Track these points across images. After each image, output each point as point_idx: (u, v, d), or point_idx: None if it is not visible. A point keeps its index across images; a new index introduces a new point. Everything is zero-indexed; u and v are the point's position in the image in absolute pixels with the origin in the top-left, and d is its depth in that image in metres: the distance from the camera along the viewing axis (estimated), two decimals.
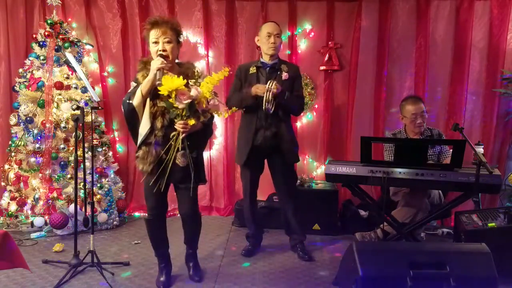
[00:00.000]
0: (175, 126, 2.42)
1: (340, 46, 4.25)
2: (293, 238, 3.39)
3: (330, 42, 4.23)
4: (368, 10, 4.18)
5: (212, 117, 2.63)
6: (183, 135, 2.42)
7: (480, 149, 3.48)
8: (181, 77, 2.35)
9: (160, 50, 2.44)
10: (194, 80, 2.46)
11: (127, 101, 2.47)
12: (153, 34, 2.46)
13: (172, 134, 2.44)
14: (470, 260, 2.17)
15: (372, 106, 4.28)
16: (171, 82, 2.29)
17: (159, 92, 2.34)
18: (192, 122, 2.40)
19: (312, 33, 4.27)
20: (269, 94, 2.94)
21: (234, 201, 4.31)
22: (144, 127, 2.48)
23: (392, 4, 4.15)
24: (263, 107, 2.97)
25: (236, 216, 4.12)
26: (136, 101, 2.44)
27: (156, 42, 2.46)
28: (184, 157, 2.46)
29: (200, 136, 2.60)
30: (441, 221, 3.88)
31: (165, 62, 2.39)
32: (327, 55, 4.25)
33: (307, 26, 4.27)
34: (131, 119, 2.51)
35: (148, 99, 2.46)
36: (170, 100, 2.33)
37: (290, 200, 3.29)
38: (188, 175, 2.53)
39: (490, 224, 2.87)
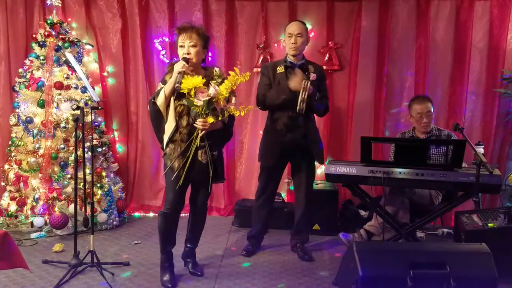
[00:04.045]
0: (194, 124, 2.56)
1: (340, 46, 4.25)
2: (294, 238, 3.39)
3: (330, 42, 4.23)
4: (368, 10, 4.17)
5: (233, 119, 2.78)
6: (203, 132, 2.56)
7: (480, 149, 3.48)
8: (200, 76, 2.51)
9: (184, 54, 2.59)
10: (215, 81, 2.61)
11: (152, 100, 2.62)
12: (180, 39, 2.63)
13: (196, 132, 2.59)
14: (470, 260, 2.17)
15: (372, 106, 4.28)
16: (190, 81, 2.46)
17: (181, 91, 2.50)
18: (211, 120, 2.53)
19: (312, 33, 4.26)
20: (305, 94, 2.93)
21: (234, 201, 4.30)
22: (169, 125, 2.62)
23: (392, 4, 4.15)
24: (297, 107, 2.95)
25: (236, 216, 4.11)
26: (159, 100, 2.59)
27: (182, 46, 2.62)
28: (205, 154, 2.61)
29: (221, 136, 2.76)
30: (441, 221, 3.88)
31: (186, 65, 2.53)
32: (327, 55, 4.25)
33: (307, 26, 4.25)
34: (156, 118, 2.66)
35: (172, 99, 2.60)
36: (191, 98, 2.49)
37: (307, 201, 3.29)
38: (208, 172, 2.65)
39: (490, 224, 2.87)
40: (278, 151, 3.16)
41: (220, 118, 2.59)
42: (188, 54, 2.58)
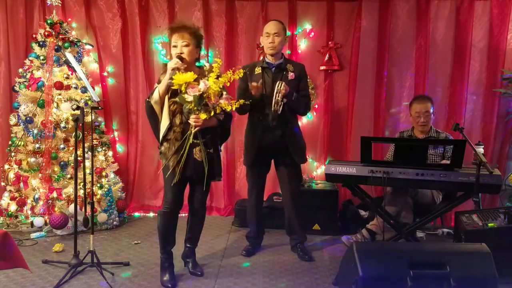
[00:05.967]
0: (189, 121, 2.57)
1: (340, 46, 4.26)
2: (293, 239, 3.39)
3: (330, 42, 4.23)
4: (368, 10, 4.18)
5: (229, 116, 2.79)
6: (196, 129, 2.57)
7: (480, 149, 3.48)
8: (192, 72, 2.52)
9: (177, 53, 2.61)
10: (207, 76, 2.61)
11: (147, 99, 2.65)
12: (173, 39, 2.64)
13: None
14: (470, 260, 2.17)
15: (372, 106, 4.28)
16: (181, 77, 2.48)
17: (173, 87, 2.52)
18: (203, 116, 2.54)
19: (312, 33, 4.27)
20: (278, 95, 2.93)
21: (234, 201, 4.30)
22: (164, 124, 2.64)
23: (392, 4, 4.15)
24: (272, 109, 2.96)
25: (236, 216, 4.12)
26: (154, 99, 2.62)
27: (175, 46, 2.64)
28: (201, 152, 2.62)
29: (217, 134, 2.77)
30: (441, 221, 3.88)
31: (180, 62, 2.54)
32: (327, 55, 4.25)
33: (307, 26, 4.27)
34: (151, 116, 2.69)
35: (166, 98, 2.62)
36: (182, 94, 2.51)
37: (293, 200, 3.28)
38: (204, 170, 2.66)
39: (490, 224, 2.87)
40: (254, 151, 3.17)
41: (212, 114, 2.58)
42: (181, 53, 2.60)
